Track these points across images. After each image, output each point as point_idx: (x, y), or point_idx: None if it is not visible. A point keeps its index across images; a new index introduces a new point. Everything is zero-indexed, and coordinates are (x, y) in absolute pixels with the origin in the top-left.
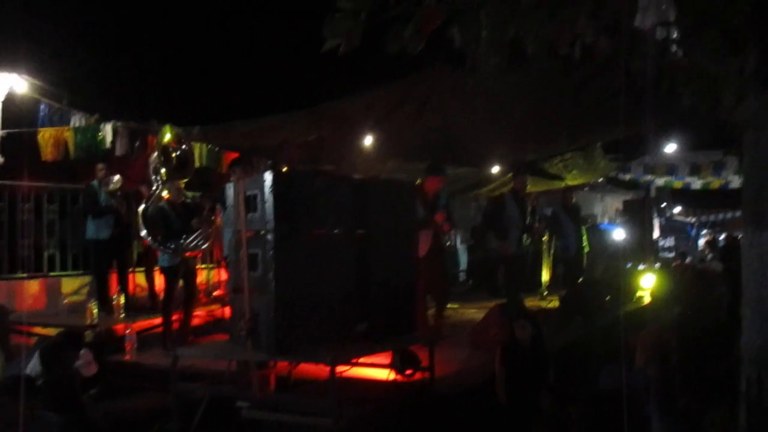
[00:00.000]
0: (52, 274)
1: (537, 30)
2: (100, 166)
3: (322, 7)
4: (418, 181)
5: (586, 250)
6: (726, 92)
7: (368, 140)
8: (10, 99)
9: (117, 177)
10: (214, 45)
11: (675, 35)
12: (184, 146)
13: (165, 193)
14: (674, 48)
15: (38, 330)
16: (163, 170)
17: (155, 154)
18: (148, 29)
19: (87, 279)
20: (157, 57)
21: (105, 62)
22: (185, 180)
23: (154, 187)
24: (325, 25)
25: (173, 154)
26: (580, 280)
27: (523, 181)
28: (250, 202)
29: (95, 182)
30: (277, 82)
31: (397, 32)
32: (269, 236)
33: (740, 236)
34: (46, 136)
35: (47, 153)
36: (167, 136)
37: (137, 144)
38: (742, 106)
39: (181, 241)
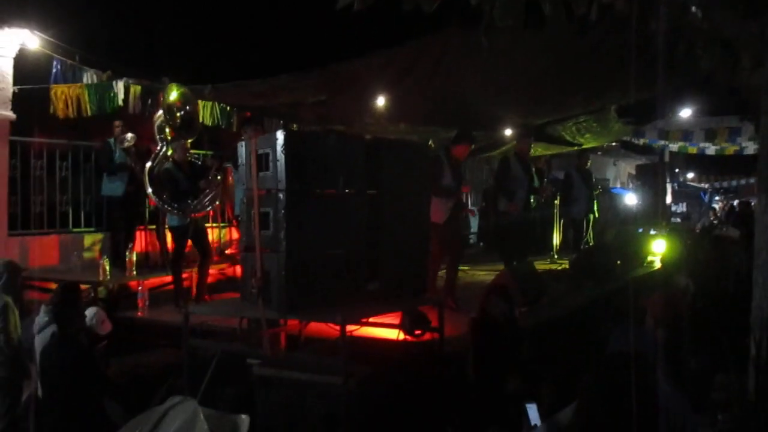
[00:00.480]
0: (65, 230)
1: None
2: (117, 123)
3: None
4: (431, 142)
5: (596, 216)
6: (744, 56)
7: (380, 102)
8: (22, 55)
9: (131, 135)
10: (227, 2)
11: None
12: (188, 107)
13: (170, 152)
14: (693, 9)
15: (52, 286)
16: (167, 129)
17: (159, 112)
18: None
19: (100, 236)
20: (170, 14)
21: (118, 19)
22: (191, 140)
23: (159, 146)
24: None
25: (177, 114)
26: (590, 244)
27: (527, 144)
28: (262, 161)
29: (111, 140)
30: (290, 42)
31: None
32: (281, 195)
33: (753, 202)
34: (58, 92)
35: (60, 110)
36: (173, 95)
37: (150, 102)
38: (759, 70)
39: (189, 201)
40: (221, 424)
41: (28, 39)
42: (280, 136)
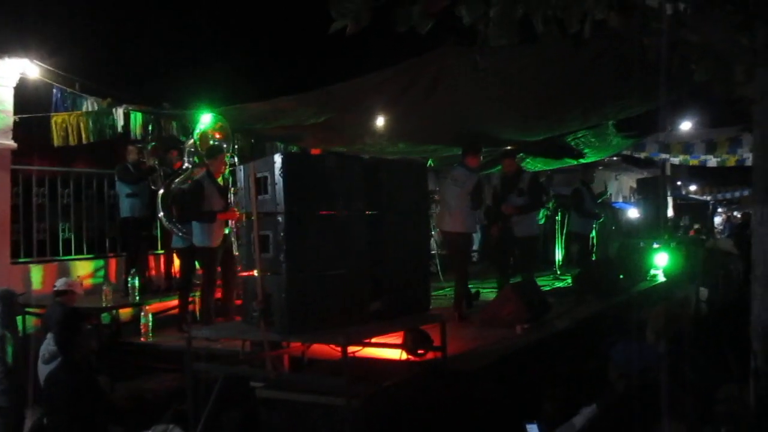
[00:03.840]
0: (66, 257)
1: (544, 8)
2: (130, 147)
3: None
4: (430, 161)
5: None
6: (737, 68)
7: (379, 121)
8: (22, 84)
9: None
10: (225, 27)
11: (686, 11)
12: (220, 140)
13: (192, 173)
14: (685, 23)
15: None
16: (195, 157)
17: (192, 140)
18: (158, 12)
19: (101, 262)
20: (168, 40)
21: (117, 46)
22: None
23: (184, 166)
24: (331, 4)
25: (210, 142)
26: (593, 258)
27: (508, 164)
28: (261, 184)
29: (128, 164)
30: (287, 64)
31: (404, 12)
32: (280, 218)
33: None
34: (58, 120)
35: (60, 137)
36: (211, 124)
37: (151, 128)
38: (753, 81)
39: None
40: None
41: (28, 68)
42: (278, 159)
